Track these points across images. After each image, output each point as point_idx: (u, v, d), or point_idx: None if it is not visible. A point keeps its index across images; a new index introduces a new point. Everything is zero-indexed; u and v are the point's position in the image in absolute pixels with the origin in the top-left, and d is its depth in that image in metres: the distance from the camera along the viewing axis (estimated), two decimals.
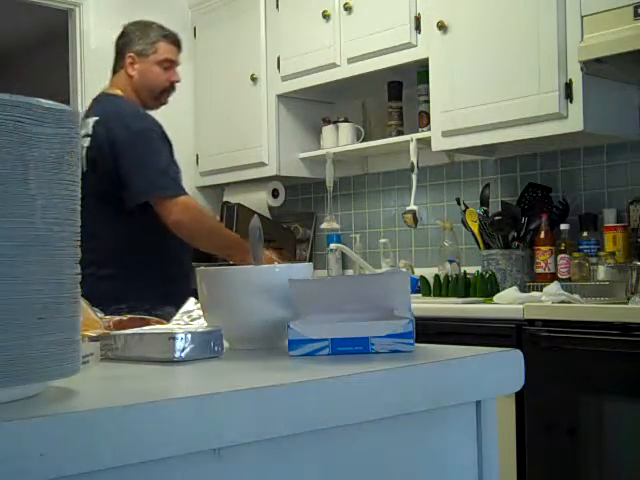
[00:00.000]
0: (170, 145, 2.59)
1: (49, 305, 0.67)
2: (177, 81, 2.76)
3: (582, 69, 2.71)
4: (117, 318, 1.19)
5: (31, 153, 0.65)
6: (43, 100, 0.67)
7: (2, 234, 0.63)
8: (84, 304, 1.06)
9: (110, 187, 2.49)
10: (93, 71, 4.06)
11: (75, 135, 0.70)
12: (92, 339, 1.03)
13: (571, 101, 2.74)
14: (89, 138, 2.54)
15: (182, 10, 4.33)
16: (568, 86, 2.74)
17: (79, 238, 0.72)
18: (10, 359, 0.63)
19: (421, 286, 3.17)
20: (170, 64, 2.72)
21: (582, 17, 2.70)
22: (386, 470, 0.86)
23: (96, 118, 2.56)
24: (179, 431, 0.66)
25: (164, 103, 2.79)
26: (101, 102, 2.67)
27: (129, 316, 1.22)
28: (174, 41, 2.76)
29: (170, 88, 2.75)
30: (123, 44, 2.71)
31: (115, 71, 2.75)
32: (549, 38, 2.77)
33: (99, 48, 4.09)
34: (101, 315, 1.17)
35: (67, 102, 3.93)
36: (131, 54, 2.67)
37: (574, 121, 2.74)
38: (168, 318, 1.27)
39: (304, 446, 0.78)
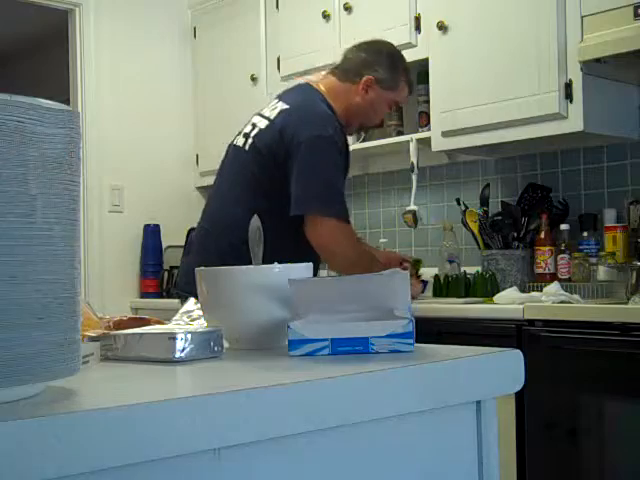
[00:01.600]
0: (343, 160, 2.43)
1: (49, 305, 0.67)
2: (381, 125, 2.73)
3: (582, 69, 2.71)
4: (117, 318, 1.19)
5: (31, 153, 0.65)
6: (43, 100, 0.67)
7: (2, 233, 0.63)
8: (84, 304, 1.06)
9: (268, 175, 2.35)
10: (93, 71, 4.07)
11: (76, 135, 0.70)
12: (92, 339, 1.03)
13: (571, 101, 2.74)
14: (267, 122, 2.39)
15: (182, 10, 4.33)
16: (568, 86, 2.74)
17: (79, 238, 0.72)
18: (10, 359, 0.63)
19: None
20: (395, 107, 2.64)
21: (582, 17, 2.70)
22: (385, 470, 0.86)
23: (285, 107, 2.39)
24: (179, 431, 0.66)
25: (350, 134, 2.65)
26: (298, 92, 2.49)
27: (129, 316, 1.22)
28: (411, 90, 2.63)
29: (375, 127, 2.69)
30: (366, 62, 2.51)
31: (334, 75, 2.54)
32: (549, 38, 2.77)
33: (99, 49, 4.09)
34: (101, 315, 1.17)
35: (67, 102, 3.93)
36: (371, 77, 2.48)
37: (574, 121, 2.74)
38: None
39: (304, 446, 0.78)
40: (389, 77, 2.51)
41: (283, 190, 2.32)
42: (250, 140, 2.43)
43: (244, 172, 2.42)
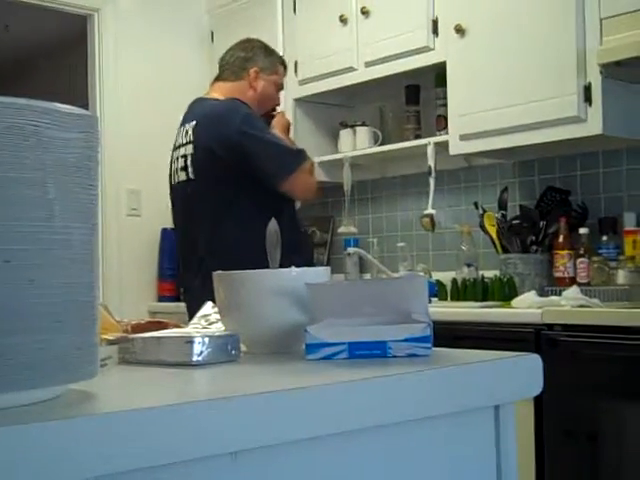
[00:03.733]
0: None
1: (67, 308, 0.67)
2: (278, 105, 2.89)
3: (601, 72, 2.69)
4: (135, 321, 1.19)
5: (50, 157, 0.66)
6: (62, 105, 0.68)
7: (21, 237, 0.63)
8: (102, 308, 1.07)
9: (226, 187, 2.56)
10: (111, 75, 4.09)
11: (94, 140, 0.71)
12: (110, 342, 1.04)
13: (590, 104, 2.72)
14: (191, 145, 2.60)
15: (200, 15, 4.35)
16: (587, 89, 2.72)
17: (97, 242, 0.72)
18: (28, 362, 0.64)
19: (438, 290, 3.16)
20: (280, 88, 2.86)
21: (601, 20, 2.69)
22: (403, 474, 0.86)
23: (193, 122, 2.63)
24: (196, 434, 0.66)
25: None
26: (197, 107, 2.73)
27: (147, 319, 1.22)
28: (286, 67, 2.90)
29: (273, 110, 2.86)
30: (246, 58, 2.78)
31: (223, 79, 2.80)
32: (568, 41, 2.76)
33: (117, 53, 4.12)
34: (119, 318, 1.17)
35: (86, 107, 3.95)
36: (256, 69, 2.76)
37: (593, 124, 2.72)
38: None
39: (320, 450, 0.78)
40: (269, 64, 2.81)
41: (248, 188, 2.56)
42: (190, 169, 2.59)
43: (208, 197, 2.59)
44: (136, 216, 4.13)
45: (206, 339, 0.95)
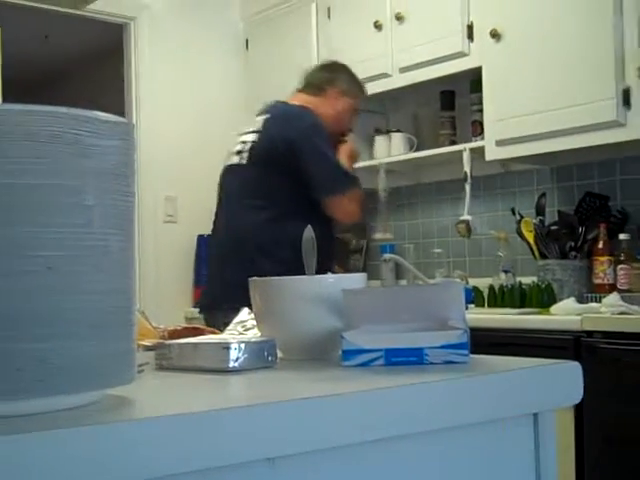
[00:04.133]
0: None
1: (105, 314, 0.67)
2: (350, 131, 2.94)
3: None
4: (172, 327, 1.20)
5: (88, 165, 0.66)
6: (100, 113, 0.68)
7: (59, 244, 0.64)
8: (139, 314, 1.07)
9: (276, 180, 2.62)
10: (147, 83, 4.14)
11: (131, 147, 0.71)
12: (147, 348, 1.04)
13: (629, 108, 2.68)
14: (256, 134, 2.69)
15: (234, 22, 4.38)
16: (626, 93, 2.69)
17: (134, 248, 0.73)
18: (66, 367, 0.64)
19: (475, 296, 3.14)
20: (356, 113, 2.92)
21: (639, 21, 2.65)
22: None
23: (266, 116, 2.72)
24: (233, 440, 0.66)
25: None
26: (274, 105, 2.82)
27: (184, 325, 1.23)
28: (365, 94, 2.98)
29: (343, 135, 2.91)
30: (330, 78, 2.86)
31: (305, 92, 2.87)
32: (605, 44, 2.72)
33: (153, 61, 4.16)
34: (156, 325, 1.18)
35: (122, 115, 4.00)
36: (337, 90, 2.84)
37: (632, 128, 2.69)
38: None
39: (358, 456, 0.77)
40: (350, 86, 2.87)
41: (294, 187, 2.60)
42: (246, 154, 2.67)
43: (251, 184, 2.66)
44: (172, 222, 4.17)
45: (242, 345, 0.95)
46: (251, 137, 2.70)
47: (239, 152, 2.72)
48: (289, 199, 2.62)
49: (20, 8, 4.05)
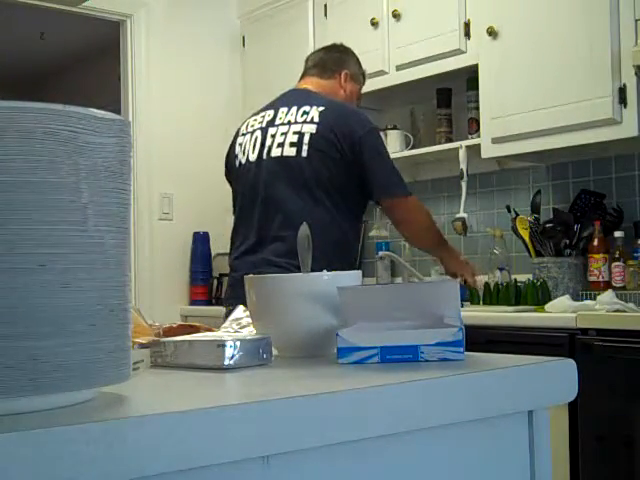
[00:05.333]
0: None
1: (100, 312, 0.67)
2: None
3: (636, 73, 2.66)
4: (167, 325, 1.20)
5: (84, 162, 0.66)
6: (96, 110, 0.68)
7: (54, 241, 0.64)
8: (134, 311, 1.07)
9: (331, 177, 2.51)
10: (144, 81, 4.13)
11: (127, 144, 0.71)
12: (142, 346, 1.04)
13: (625, 106, 2.69)
14: (314, 125, 2.52)
15: (231, 19, 4.37)
16: (622, 91, 2.69)
17: (130, 245, 0.73)
18: (61, 365, 0.64)
19: (470, 294, 3.14)
20: (359, 100, 2.87)
21: (636, 21, 2.66)
22: None
23: (321, 107, 2.55)
24: (228, 438, 0.66)
25: None
26: (308, 95, 2.66)
27: (179, 323, 1.23)
28: (365, 80, 2.92)
29: None
30: (340, 59, 2.79)
31: (313, 74, 2.77)
32: (602, 42, 2.72)
33: (150, 59, 4.16)
34: (151, 322, 1.18)
35: (118, 112, 3.99)
36: (347, 72, 2.77)
37: (628, 126, 2.69)
38: None
39: (352, 454, 0.77)
40: (357, 71, 2.81)
41: (350, 184, 2.52)
42: (305, 147, 2.50)
43: (312, 178, 2.50)
44: (168, 220, 4.17)
45: (238, 343, 0.95)
46: (309, 127, 2.52)
47: (294, 144, 2.52)
48: (347, 195, 2.53)
49: (16, 6, 4.04)
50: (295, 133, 2.53)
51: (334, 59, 2.78)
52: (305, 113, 2.55)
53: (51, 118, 0.64)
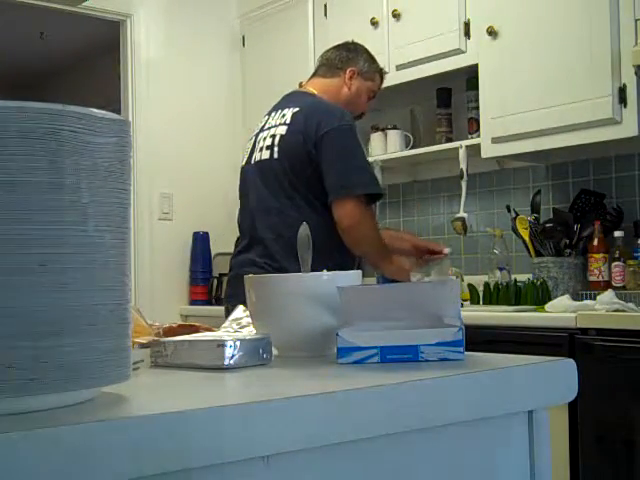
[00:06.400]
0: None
1: (100, 312, 0.67)
2: (364, 113, 2.84)
3: (636, 73, 2.66)
4: (167, 325, 1.20)
5: (84, 162, 0.66)
6: (96, 110, 0.68)
7: (54, 241, 0.64)
8: (134, 311, 1.07)
9: (303, 177, 2.47)
10: (144, 81, 4.13)
11: (126, 144, 0.71)
12: (142, 346, 1.05)
13: (625, 106, 2.69)
14: (285, 127, 2.53)
15: (231, 19, 4.37)
16: (622, 91, 2.69)
17: (129, 245, 0.73)
18: (61, 365, 0.64)
19: (470, 294, 3.14)
20: (372, 96, 2.81)
21: (636, 20, 2.66)
22: None
23: (296, 109, 2.56)
24: (228, 438, 0.66)
25: None
26: (297, 97, 2.69)
27: (179, 323, 1.23)
28: (383, 78, 2.85)
29: (361, 116, 2.83)
30: (347, 57, 2.76)
31: (319, 75, 2.77)
32: (602, 42, 2.72)
33: (150, 58, 4.16)
34: (151, 322, 1.18)
35: (117, 112, 3.99)
36: (353, 69, 2.73)
37: (628, 126, 2.69)
38: None
39: (353, 454, 0.77)
40: (367, 68, 2.75)
41: (323, 183, 2.45)
42: (276, 148, 2.52)
43: (285, 179, 2.50)
44: (168, 220, 4.17)
45: (237, 343, 0.95)
46: (280, 130, 2.54)
47: (269, 147, 2.55)
48: (322, 194, 2.46)
49: (16, 5, 4.04)
50: (271, 137, 2.58)
51: (341, 57, 2.77)
52: (282, 116, 2.58)
53: (51, 118, 0.64)
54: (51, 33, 5.65)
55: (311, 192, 2.47)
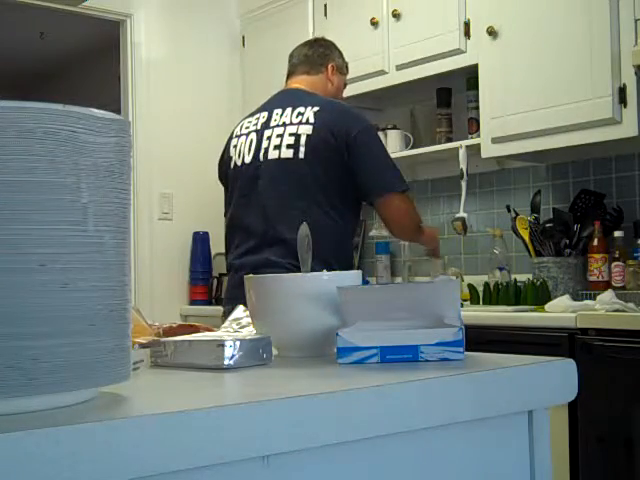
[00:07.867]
0: None
1: (100, 312, 0.67)
2: None
3: (636, 73, 2.66)
4: (167, 325, 1.20)
5: (84, 162, 0.66)
6: (96, 110, 0.68)
7: (54, 241, 0.64)
8: (134, 311, 1.07)
9: (334, 177, 2.49)
10: (144, 81, 4.13)
11: (126, 144, 0.71)
12: (142, 346, 1.04)
13: (625, 106, 2.69)
14: (310, 126, 2.51)
15: (231, 19, 4.37)
16: (622, 91, 2.69)
17: (129, 245, 0.73)
18: (61, 365, 0.64)
19: (470, 294, 3.14)
20: (343, 90, 2.85)
21: (636, 21, 2.66)
22: None
23: (315, 108, 2.54)
24: (228, 438, 0.66)
25: None
26: (301, 95, 2.65)
27: (179, 323, 1.23)
28: (348, 70, 2.90)
29: None
30: (324, 54, 2.78)
31: (301, 72, 2.75)
32: (602, 42, 2.72)
33: (150, 58, 4.16)
34: (151, 322, 1.18)
35: (117, 112, 3.99)
36: (333, 64, 2.77)
37: (628, 126, 2.69)
38: None
39: (352, 454, 0.77)
40: (342, 63, 2.81)
41: (348, 184, 2.49)
42: (302, 148, 2.49)
43: (311, 179, 2.49)
44: (168, 220, 4.17)
45: (237, 343, 0.95)
46: (305, 129, 2.51)
47: (291, 146, 2.52)
48: (345, 198, 2.51)
49: (16, 5, 4.04)
50: (291, 135, 2.53)
51: (319, 54, 2.77)
52: (300, 114, 2.55)
53: (51, 118, 0.64)
54: (51, 33, 5.65)
55: (336, 193, 2.48)
